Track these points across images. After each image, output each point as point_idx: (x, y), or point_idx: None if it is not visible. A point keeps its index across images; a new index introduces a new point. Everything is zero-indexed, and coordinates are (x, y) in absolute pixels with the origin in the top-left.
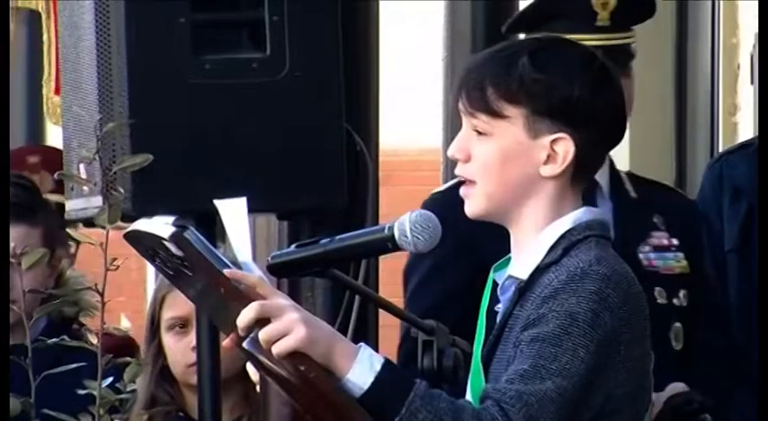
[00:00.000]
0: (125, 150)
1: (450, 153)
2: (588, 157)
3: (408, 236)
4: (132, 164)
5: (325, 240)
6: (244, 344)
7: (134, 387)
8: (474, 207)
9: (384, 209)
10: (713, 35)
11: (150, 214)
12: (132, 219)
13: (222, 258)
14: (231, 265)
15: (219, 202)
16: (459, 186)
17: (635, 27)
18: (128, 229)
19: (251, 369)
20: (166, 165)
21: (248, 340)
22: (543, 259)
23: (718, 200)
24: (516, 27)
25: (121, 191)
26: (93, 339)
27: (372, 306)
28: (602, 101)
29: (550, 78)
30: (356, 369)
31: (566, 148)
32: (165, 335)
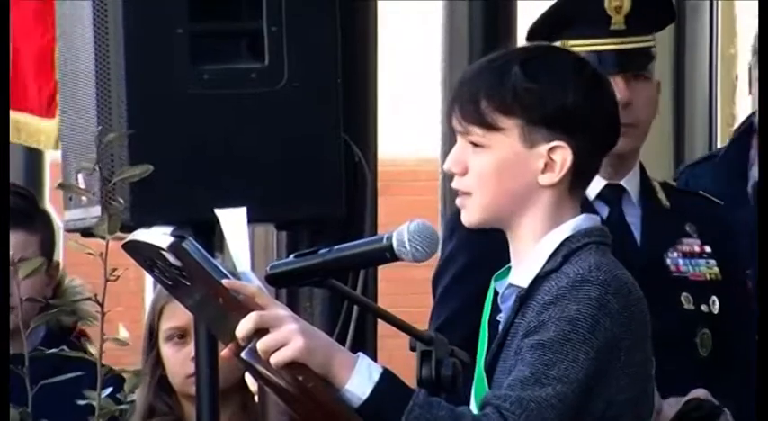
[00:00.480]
0: (124, 161)
1: (447, 167)
2: (585, 164)
3: (407, 246)
4: (131, 174)
5: (323, 250)
6: (242, 355)
7: (133, 397)
8: (470, 217)
9: (382, 218)
10: (711, 46)
11: (149, 224)
12: (131, 229)
13: (221, 268)
14: (229, 275)
15: (220, 212)
16: None
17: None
18: (126, 240)
19: (249, 379)
20: (165, 176)
21: (247, 350)
22: (543, 267)
23: None
24: (535, 35)
25: (120, 201)
26: (93, 350)
27: (371, 316)
28: (595, 106)
29: (543, 87)
30: (355, 379)
31: (563, 156)
32: (164, 345)
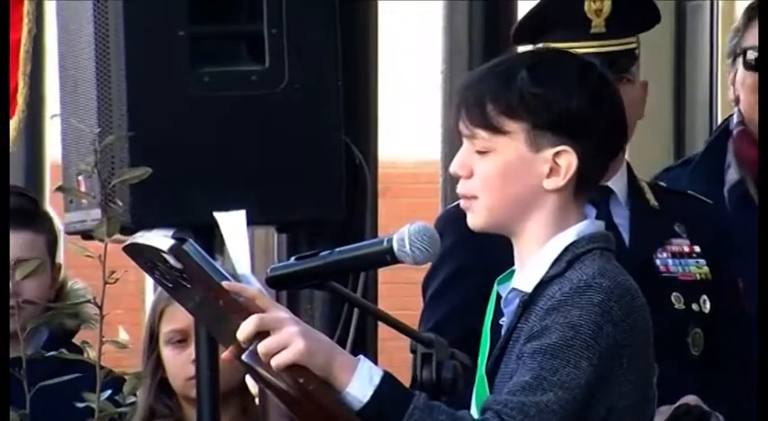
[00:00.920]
0: (124, 163)
1: (453, 170)
2: (590, 169)
3: (407, 248)
4: (131, 176)
5: (324, 253)
6: (243, 357)
7: (133, 399)
8: (476, 221)
9: (383, 221)
10: (711, 46)
11: (149, 227)
12: (131, 231)
13: (221, 271)
14: (230, 278)
15: (219, 215)
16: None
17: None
18: (127, 242)
19: (250, 381)
20: (165, 178)
21: (247, 353)
22: (547, 272)
23: None
24: (518, 38)
25: (120, 203)
26: (93, 353)
27: (371, 318)
28: (601, 111)
29: (550, 91)
30: (355, 382)
31: (569, 161)
32: (164, 348)
